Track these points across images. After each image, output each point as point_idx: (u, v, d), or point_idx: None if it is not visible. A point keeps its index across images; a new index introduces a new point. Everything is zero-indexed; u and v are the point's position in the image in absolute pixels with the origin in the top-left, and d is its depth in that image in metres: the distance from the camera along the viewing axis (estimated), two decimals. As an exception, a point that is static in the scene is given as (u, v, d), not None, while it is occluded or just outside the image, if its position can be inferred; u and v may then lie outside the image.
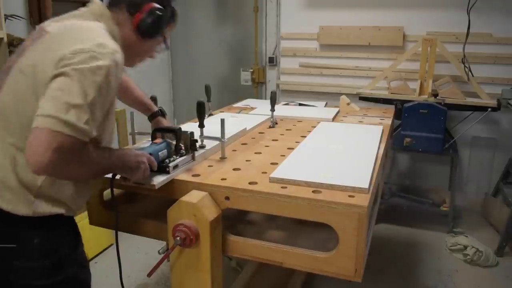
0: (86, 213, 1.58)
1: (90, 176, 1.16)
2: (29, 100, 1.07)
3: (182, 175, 1.38)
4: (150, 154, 1.28)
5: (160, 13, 1.25)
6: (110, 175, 1.23)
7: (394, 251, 2.90)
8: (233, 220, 1.44)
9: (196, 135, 1.59)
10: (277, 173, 1.35)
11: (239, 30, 3.96)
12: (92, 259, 2.73)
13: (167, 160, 1.35)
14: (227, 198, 1.29)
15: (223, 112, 2.44)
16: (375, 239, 2.77)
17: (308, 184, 1.28)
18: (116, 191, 1.53)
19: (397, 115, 2.85)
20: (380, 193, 1.99)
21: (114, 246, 1.98)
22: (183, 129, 1.42)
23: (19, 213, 1.12)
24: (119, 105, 1.77)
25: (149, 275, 1.23)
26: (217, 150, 1.61)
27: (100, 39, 1.10)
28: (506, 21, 3.12)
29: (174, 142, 1.40)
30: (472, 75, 3.11)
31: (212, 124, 1.75)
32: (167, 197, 1.35)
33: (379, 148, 1.70)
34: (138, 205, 1.61)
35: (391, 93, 3.21)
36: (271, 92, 2.06)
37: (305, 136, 1.86)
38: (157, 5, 1.26)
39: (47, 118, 0.98)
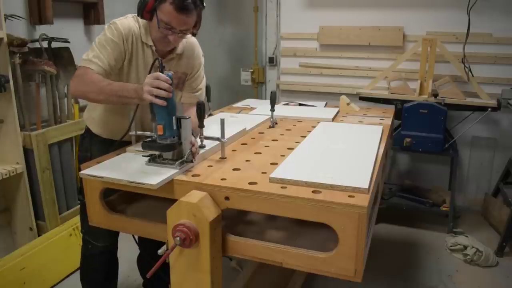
0: (86, 213, 1.57)
1: (96, 95, 1.49)
2: None
3: (182, 175, 1.38)
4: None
5: None
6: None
7: (394, 251, 2.90)
8: (233, 220, 1.44)
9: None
10: (277, 173, 1.35)
11: (239, 30, 3.96)
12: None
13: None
14: (227, 198, 1.29)
15: (223, 112, 2.44)
16: (375, 239, 2.77)
17: (308, 184, 1.28)
18: (116, 191, 1.53)
19: (397, 115, 2.85)
20: (380, 193, 1.99)
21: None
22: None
23: None
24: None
25: (149, 275, 1.23)
26: (217, 150, 1.61)
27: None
28: (506, 21, 3.11)
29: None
30: (472, 75, 3.11)
31: (212, 124, 1.75)
32: (167, 197, 1.35)
33: (379, 148, 1.70)
34: (138, 205, 1.61)
35: (391, 93, 3.21)
36: (271, 92, 2.06)
37: (305, 136, 1.86)
38: None
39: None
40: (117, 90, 1.46)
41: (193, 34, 1.72)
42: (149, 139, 1.44)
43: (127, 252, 2.18)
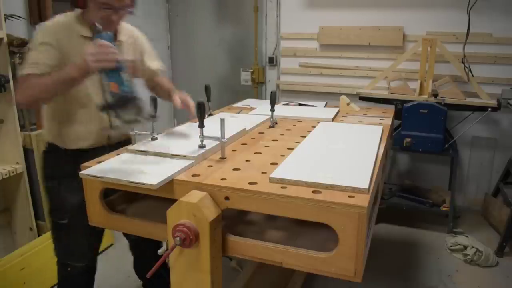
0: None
1: (43, 93, 1.51)
2: None
3: (182, 175, 1.38)
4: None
5: None
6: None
7: (394, 251, 2.90)
8: (233, 220, 1.44)
9: (196, 135, 1.59)
10: (277, 173, 1.35)
11: (239, 30, 3.96)
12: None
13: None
14: (227, 198, 1.28)
15: (223, 112, 2.43)
16: (375, 239, 2.77)
17: (308, 184, 1.28)
18: (116, 191, 1.53)
19: (397, 115, 2.85)
20: (380, 193, 1.99)
21: (114, 246, 1.98)
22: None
23: None
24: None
25: (148, 275, 1.23)
26: (217, 150, 1.61)
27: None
28: (506, 21, 3.12)
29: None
30: (472, 75, 3.11)
31: (212, 124, 1.75)
32: (167, 197, 1.35)
33: (379, 148, 1.70)
34: (138, 205, 1.61)
35: (391, 93, 3.21)
36: (271, 92, 2.05)
37: (305, 136, 1.86)
38: None
39: None
40: (58, 78, 1.46)
41: (131, 13, 1.69)
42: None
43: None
